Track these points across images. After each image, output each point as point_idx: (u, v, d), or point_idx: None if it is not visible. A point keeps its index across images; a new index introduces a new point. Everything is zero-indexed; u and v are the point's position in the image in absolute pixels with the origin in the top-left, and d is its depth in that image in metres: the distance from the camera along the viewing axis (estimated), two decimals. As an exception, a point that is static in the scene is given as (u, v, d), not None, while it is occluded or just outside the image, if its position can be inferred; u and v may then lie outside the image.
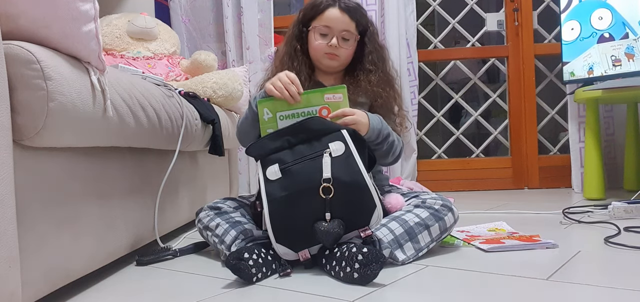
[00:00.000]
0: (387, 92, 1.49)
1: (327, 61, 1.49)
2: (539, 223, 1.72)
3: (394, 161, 1.48)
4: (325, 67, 1.51)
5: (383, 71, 1.52)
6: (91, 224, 1.10)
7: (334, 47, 1.46)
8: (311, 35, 1.50)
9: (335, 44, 1.46)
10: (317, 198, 1.13)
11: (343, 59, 1.49)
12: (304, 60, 1.51)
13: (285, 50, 1.54)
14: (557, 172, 2.94)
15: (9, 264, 0.81)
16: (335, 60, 1.49)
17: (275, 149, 1.22)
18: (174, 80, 2.17)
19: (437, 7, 3.14)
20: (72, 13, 0.94)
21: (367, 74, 1.49)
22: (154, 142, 1.39)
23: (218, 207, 1.40)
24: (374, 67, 1.50)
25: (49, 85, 0.88)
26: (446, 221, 1.28)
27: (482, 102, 3.20)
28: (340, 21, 1.46)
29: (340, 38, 1.47)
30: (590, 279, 1.03)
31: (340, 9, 1.47)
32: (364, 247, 1.07)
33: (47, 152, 0.95)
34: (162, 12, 3.03)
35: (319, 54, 1.49)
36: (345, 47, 1.48)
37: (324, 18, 1.47)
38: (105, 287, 1.14)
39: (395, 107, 1.52)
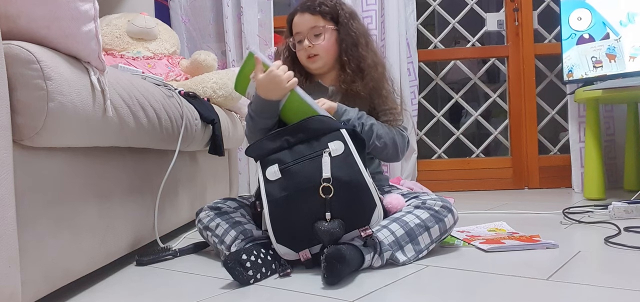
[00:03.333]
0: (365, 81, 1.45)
1: (311, 65, 1.51)
2: (539, 223, 1.72)
3: (394, 154, 1.45)
4: (313, 70, 1.53)
5: (356, 58, 1.47)
6: (91, 224, 1.10)
7: (308, 48, 1.48)
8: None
9: (307, 45, 1.48)
10: (316, 198, 1.13)
11: (323, 54, 1.48)
12: (296, 70, 1.50)
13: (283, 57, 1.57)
14: (557, 172, 2.94)
15: (8, 264, 0.81)
16: (316, 60, 1.49)
17: (275, 149, 1.22)
18: (174, 80, 2.17)
19: (437, 7, 3.14)
20: (72, 13, 0.94)
21: (343, 68, 1.48)
22: (153, 142, 1.39)
23: (218, 207, 1.40)
24: (348, 57, 1.48)
25: (49, 85, 0.88)
26: (446, 223, 1.27)
27: (482, 102, 3.20)
28: (303, 23, 1.49)
29: (311, 37, 1.48)
30: (590, 279, 1.03)
31: (301, 12, 1.50)
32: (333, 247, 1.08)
33: (47, 152, 0.95)
34: (162, 12, 3.03)
35: (303, 62, 1.52)
36: (318, 42, 1.48)
37: (294, 26, 1.52)
38: (105, 287, 1.14)
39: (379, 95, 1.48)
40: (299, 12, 1.51)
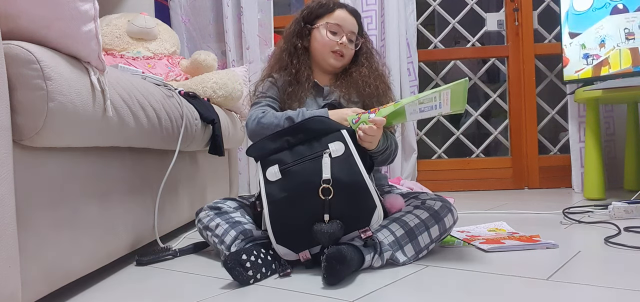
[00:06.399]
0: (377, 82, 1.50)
1: (333, 60, 1.51)
2: (539, 223, 1.72)
3: (389, 163, 1.50)
4: (329, 66, 1.52)
5: (374, 67, 1.54)
6: (91, 224, 1.10)
7: (343, 46, 1.49)
8: (317, 32, 1.51)
9: (345, 43, 1.50)
10: (316, 199, 1.13)
11: (346, 60, 1.53)
12: (305, 59, 1.52)
13: (285, 46, 1.54)
14: (557, 172, 2.94)
15: (8, 264, 0.81)
16: (341, 60, 1.51)
17: (275, 150, 1.22)
18: (174, 80, 2.17)
19: (437, 7, 3.14)
20: (72, 13, 0.94)
21: (359, 67, 1.52)
22: (153, 142, 1.39)
23: (218, 207, 1.40)
24: (366, 61, 1.54)
25: (49, 85, 0.88)
26: (446, 222, 1.27)
27: (482, 102, 3.20)
28: (349, 22, 1.52)
29: (348, 38, 1.51)
30: (590, 279, 1.03)
31: (349, 12, 1.53)
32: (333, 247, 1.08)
33: (47, 152, 0.95)
34: (162, 12, 3.03)
35: (325, 51, 1.50)
36: (351, 48, 1.52)
37: (335, 17, 1.51)
38: (105, 287, 1.14)
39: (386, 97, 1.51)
40: (348, 12, 1.52)
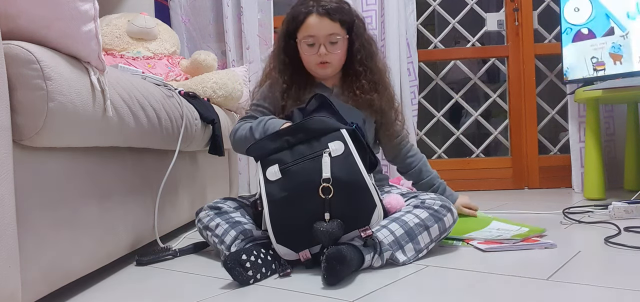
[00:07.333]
0: (380, 93, 1.49)
1: (321, 71, 1.49)
2: (539, 223, 1.71)
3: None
4: (320, 76, 1.52)
5: (372, 70, 1.50)
6: (91, 224, 1.10)
7: (323, 56, 1.45)
8: (300, 46, 1.48)
9: (323, 53, 1.44)
10: (316, 198, 1.13)
11: (336, 63, 1.49)
12: (296, 72, 1.50)
13: (275, 64, 1.53)
14: (557, 172, 2.94)
15: (8, 264, 0.81)
16: (327, 67, 1.48)
17: (275, 150, 1.22)
18: (174, 80, 2.17)
19: (437, 7, 3.13)
20: (72, 13, 0.94)
21: (358, 76, 1.48)
22: (153, 142, 1.39)
23: (218, 207, 1.40)
24: (363, 67, 1.49)
25: (49, 85, 0.88)
26: (445, 222, 1.27)
27: (482, 102, 3.19)
28: (322, 27, 1.43)
29: (327, 44, 1.44)
30: (590, 279, 1.03)
31: (319, 15, 1.43)
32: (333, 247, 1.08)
33: (47, 152, 0.95)
34: (162, 12, 3.03)
35: (311, 65, 1.49)
36: (335, 51, 1.46)
37: (306, 28, 1.44)
38: (105, 287, 1.14)
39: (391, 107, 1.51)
40: (316, 14, 1.43)
